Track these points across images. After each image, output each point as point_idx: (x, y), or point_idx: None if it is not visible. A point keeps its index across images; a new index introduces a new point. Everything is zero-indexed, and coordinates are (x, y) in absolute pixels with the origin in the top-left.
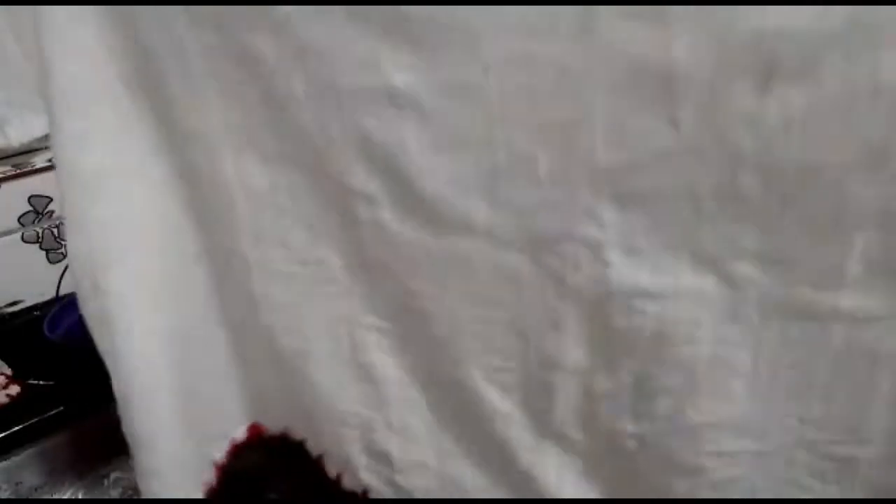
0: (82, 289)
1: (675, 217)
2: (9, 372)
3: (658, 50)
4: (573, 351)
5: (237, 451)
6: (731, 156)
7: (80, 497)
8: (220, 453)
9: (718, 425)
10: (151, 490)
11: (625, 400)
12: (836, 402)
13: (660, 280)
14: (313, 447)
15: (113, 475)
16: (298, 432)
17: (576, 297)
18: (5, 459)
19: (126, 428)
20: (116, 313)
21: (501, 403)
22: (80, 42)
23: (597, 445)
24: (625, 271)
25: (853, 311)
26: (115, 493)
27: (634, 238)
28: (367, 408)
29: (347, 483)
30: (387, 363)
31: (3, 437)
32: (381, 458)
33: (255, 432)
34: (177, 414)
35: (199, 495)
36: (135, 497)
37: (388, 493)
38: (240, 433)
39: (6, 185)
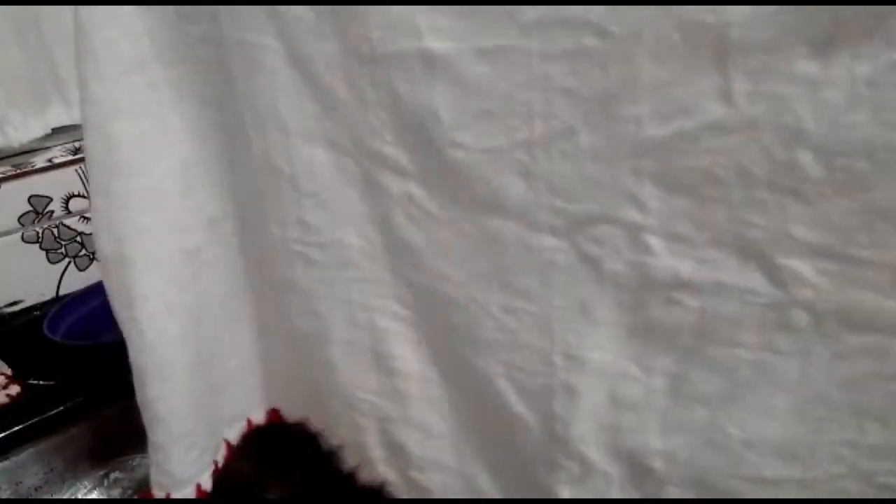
0: (104, 256)
1: (722, 203)
2: (9, 372)
3: (710, 12)
4: (603, 347)
5: (254, 433)
6: (789, 132)
7: (79, 497)
8: (234, 433)
9: (759, 446)
10: (158, 462)
11: (655, 408)
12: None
13: (702, 273)
14: (331, 437)
15: (113, 475)
16: (317, 421)
17: (612, 283)
18: (5, 459)
19: (140, 399)
20: (136, 283)
21: (520, 408)
22: (115, 9)
23: (617, 469)
24: (666, 260)
25: None
26: (115, 493)
27: (678, 225)
28: (384, 399)
29: (365, 476)
30: (407, 356)
31: (3, 437)
32: (398, 451)
33: (275, 417)
34: (190, 390)
35: (206, 473)
36: (135, 497)
37: (404, 489)
38: (258, 416)
39: (6, 185)
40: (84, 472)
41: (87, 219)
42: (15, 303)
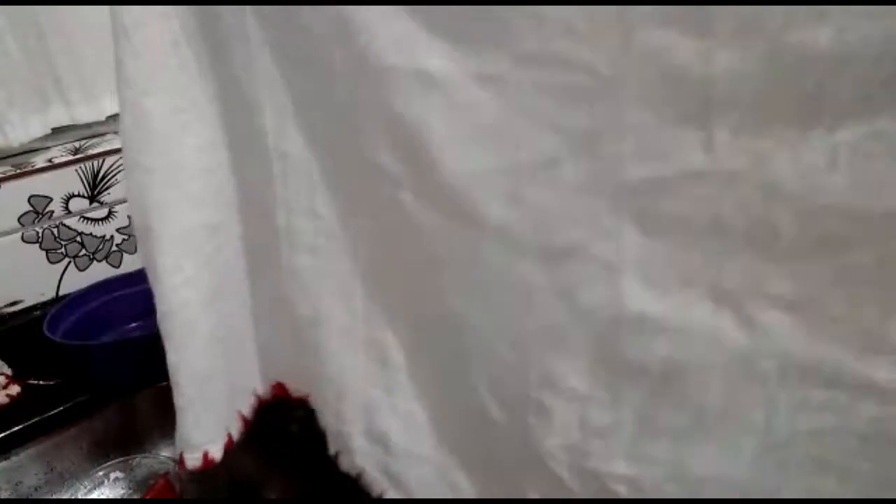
0: (136, 227)
1: (698, 250)
2: (9, 372)
3: (697, 62)
4: (575, 372)
5: (262, 406)
6: (768, 189)
7: (79, 497)
8: (246, 406)
9: (723, 482)
10: (178, 425)
11: (622, 437)
12: (856, 484)
13: (674, 313)
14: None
15: (113, 475)
16: (313, 401)
17: (586, 315)
18: (5, 459)
19: (168, 362)
20: (159, 255)
21: (498, 415)
22: None
23: (581, 488)
24: (639, 298)
25: (887, 386)
26: (115, 494)
27: (652, 266)
28: (373, 387)
29: (343, 464)
30: (398, 349)
31: (3, 437)
32: (380, 440)
33: (280, 391)
34: (206, 358)
35: (218, 444)
36: (135, 497)
37: (380, 480)
38: (265, 391)
39: (6, 185)
40: (84, 472)
41: (87, 219)
42: (15, 303)
